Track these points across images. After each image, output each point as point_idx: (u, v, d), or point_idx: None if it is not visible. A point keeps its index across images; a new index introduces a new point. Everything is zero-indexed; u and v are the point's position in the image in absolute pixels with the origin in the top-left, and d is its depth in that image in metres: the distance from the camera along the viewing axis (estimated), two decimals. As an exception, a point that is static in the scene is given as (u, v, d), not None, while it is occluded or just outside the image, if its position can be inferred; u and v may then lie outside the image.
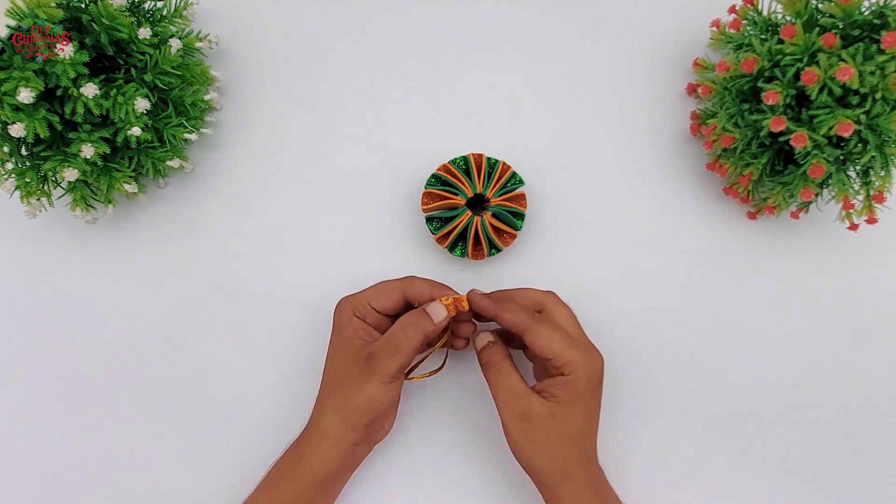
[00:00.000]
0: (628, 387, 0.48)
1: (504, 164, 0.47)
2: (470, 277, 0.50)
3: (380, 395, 0.40)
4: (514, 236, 0.47)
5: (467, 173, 0.47)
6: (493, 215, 0.46)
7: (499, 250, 0.47)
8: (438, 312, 0.40)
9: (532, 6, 0.54)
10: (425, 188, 0.47)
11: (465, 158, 0.47)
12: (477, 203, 0.48)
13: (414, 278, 0.43)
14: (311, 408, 0.43)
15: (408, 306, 0.43)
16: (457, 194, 0.46)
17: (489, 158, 0.47)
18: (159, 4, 0.47)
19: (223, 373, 0.49)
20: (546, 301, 0.42)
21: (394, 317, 0.43)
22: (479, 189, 0.46)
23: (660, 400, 0.48)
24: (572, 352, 0.38)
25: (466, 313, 0.43)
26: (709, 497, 0.47)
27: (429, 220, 0.47)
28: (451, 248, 0.47)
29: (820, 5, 0.40)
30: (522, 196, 0.48)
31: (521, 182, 0.47)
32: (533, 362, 0.45)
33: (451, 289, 0.43)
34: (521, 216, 0.47)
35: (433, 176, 0.47)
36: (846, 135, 0.38)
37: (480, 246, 0.47)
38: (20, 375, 0.50)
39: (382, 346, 0.40)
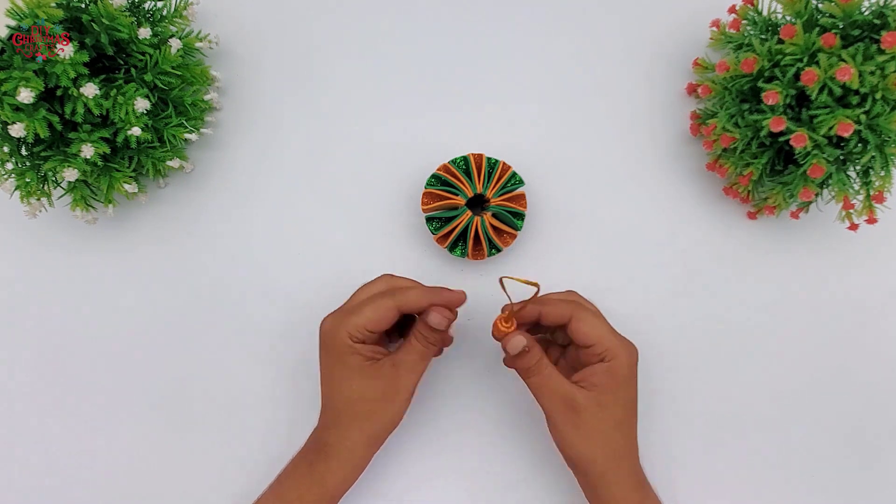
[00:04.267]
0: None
1: (504, 164, 0.47)
2: (470, 277, 0.50)
3: (404, 408, 0.41)
4: (514, 236, 0.47)
5: (467, 173, 0.47)
6: (494, 215, 0.46)
7: (499, 250, 0.47)
8: (439, 323, 0.41)
9: (532, 7, 0.54)
10: (425, 188, 0.47)
11: (465, 158, 0.47)
12: (477, 203, 0.48)
13: (405, 290, 0.41)
14: (312, 408, 0.43)
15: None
16: (457, 194, 0.46)
17: (489, 158, 0.47)
18: (159, 4, 0.47)
19: (223, 372, 0.49)
20: (572, 297, 0.43)
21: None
22: (479, 189, 0.46)
23: (659, 400, 0.48)
24: (613, 338, 0.40)
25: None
26: (704, 495, 0.47)
27: (429, 220, 0.47)
28: (452, 248, 0.47)
29: (820, 5, 0.40)
30: (522, 196, 0.48)
31: (521, 182, 0.47)
32: (559, 361, 0.45)
33: (446, 290, 0.42)
34: (521, 216, 0.47)
35: (433, 176, 0.47)
36: (846, 135, 0.38)
37: (480, 246, 0.47)
38: (20, 376, 0.50)
39: (406, 362, 0.41)
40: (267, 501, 0.42)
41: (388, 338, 0.46)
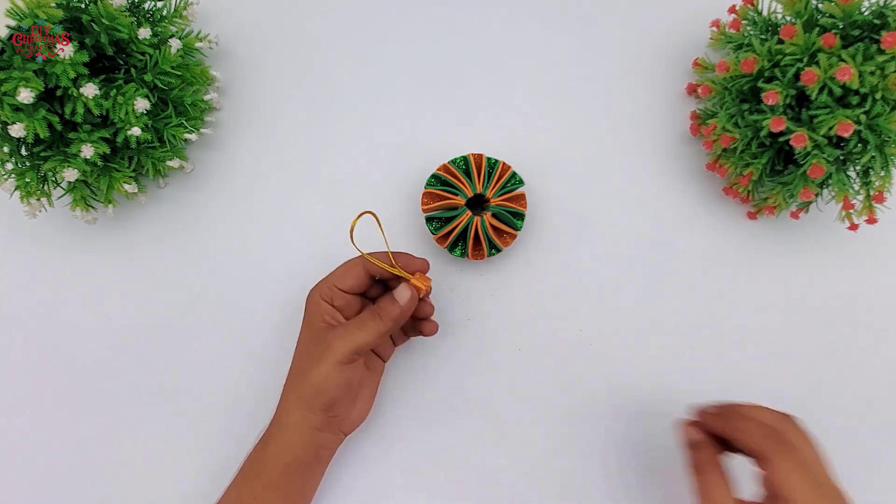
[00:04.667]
0: (627, 387, 0.48)
1: (504, 164, 0.47)
2: (470, 277, 0.50)
3: (334, 374, 0.39)
4: (514, 236, 0.47)
5: (467, 173, 0.47)
6: (493, 215, 0.46)
7: (499, 250, 0.47)
8: (403, 295, 0.40)
9: (532, 6, 0.54)
10: (425, 188, 0.47)
11: (465, 158, 0.47)
12: (477, 203, 0.48)
13: (372, 254, 0.42)
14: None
15: (374, 284, 0.44)
16: (457, 194, 0.46)
17: (489, 158, 0.47)
18: (159, 4, 0.47)
19: (222, 372, 0.49)
20: (783, 428, 0.36)
21: (361, 296, 0.44)
22: (479, 189, 0.46)
23: (659, 400, 0.48)
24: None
25: (424, 291, 0.42)
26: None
27: (429, 220, 0.47)
28: (451, 249, 0.47)
29: (820, 5, 0.40)
30: (522, 196, 0.48)
31: (521, 182, 0.47)
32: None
33: (411, 255, 0.43)
34: (521, 216, 0.47)
35: (433, 176, 0.47)
36: (846, 135, 0.38)
37: (480, 246, 0.47)
38: (20, 375, 0.50)
39: (345, 326, 0.40)
40: (232, 480, 0.42)
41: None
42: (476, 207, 0.48)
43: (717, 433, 0.38)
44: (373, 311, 0.41)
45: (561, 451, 0.47)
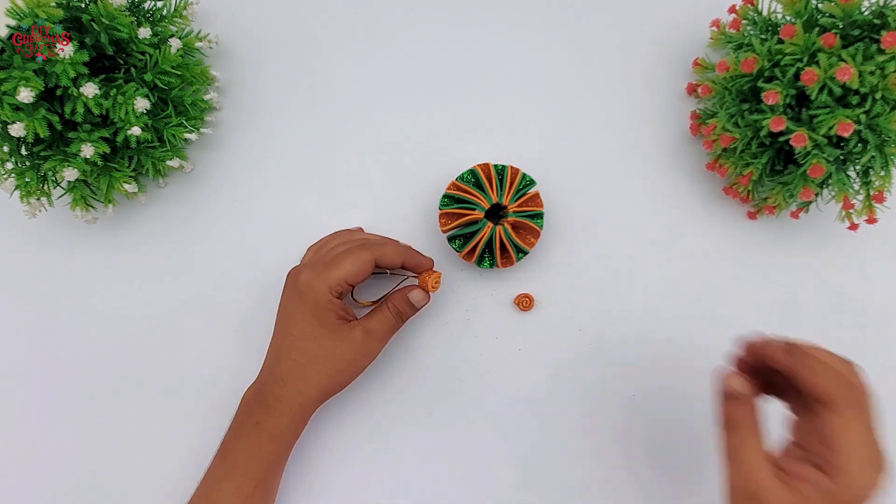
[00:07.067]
0: (627, 387, 0.48)
1: (511, 167, 0.46)
2: (470, 278, 0.50)
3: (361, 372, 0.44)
4: (537, 234, 0.46)
5: (478, 185, 0.46)
6: (513, 226, 0.46)
7: (526, 253, 0.47)
8: (420, 300, 0.44)
9: (532, 8, 0.54)
10: (440, 209, 0.46)
11: (472, 172, 0.47)
12: (494, 213, 0.47)
13: (382, 245, 0.43)
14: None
15: None
16: (474, 208, 0.46)
17: (496, 165, 0.47)
18: (159, 4, 0.47)
19: (222, 372, 0.49)
20: (853, 378, 0.33)
21: None
22: (496, 199, 0.45)
23: (659, 400, 0.48)
24: (866, 467, 0.30)
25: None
26: (704, 495, 0.47)
27: (450, 239, 0.47)
28: (479, 262, 0.47)
29: (820, 5, 0.40)
30: (536, 195, 0.47)
31: (532, 182, 0.47)
32: (797, 414, 0.35)
33: (419, 253, 0.45)
34: (539, 216, 0.46)
35: (445, 196, 0.47)
36: (846, 135, 0.38)
37: (508, 253, 0.46)
38: (20, 375, 0.50)
39: (379, 332, 0.43)
40: (217, 470, 0.41)
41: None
42: (494, 217, 0.47)
43: (778, 367, 0.33)
44: (396, 315, 0.43)
45: (561, 450, 0.47)
